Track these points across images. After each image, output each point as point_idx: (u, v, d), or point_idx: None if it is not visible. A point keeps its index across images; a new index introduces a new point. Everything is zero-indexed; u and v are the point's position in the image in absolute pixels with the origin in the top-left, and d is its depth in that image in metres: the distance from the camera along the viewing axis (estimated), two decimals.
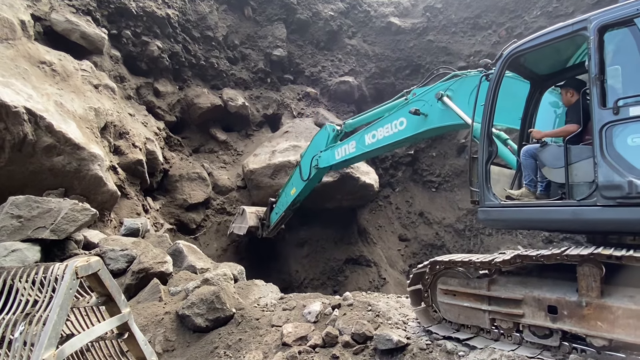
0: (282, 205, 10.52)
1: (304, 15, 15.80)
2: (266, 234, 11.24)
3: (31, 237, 6.40)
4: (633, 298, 3.12)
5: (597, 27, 3.48)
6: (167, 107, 13.19)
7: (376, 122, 7.87)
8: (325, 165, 9.21)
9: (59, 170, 7.60)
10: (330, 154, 9.02)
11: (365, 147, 8.04)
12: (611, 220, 3.36)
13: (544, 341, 3.64)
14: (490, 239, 13.68)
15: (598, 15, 3.53)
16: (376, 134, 7.79)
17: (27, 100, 7.06)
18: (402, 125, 7.23)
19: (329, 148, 9.17)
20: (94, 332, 3.01)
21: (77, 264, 2.79)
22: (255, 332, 5.18)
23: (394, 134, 7.42)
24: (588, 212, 3.46)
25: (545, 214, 3.84)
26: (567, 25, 3.75)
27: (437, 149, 16.31)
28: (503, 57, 4.23)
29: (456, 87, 6.32)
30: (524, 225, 4.93)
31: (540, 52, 4.16)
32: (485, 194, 4.24)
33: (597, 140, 3.39)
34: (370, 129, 7.95)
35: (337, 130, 9.47)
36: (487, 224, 4.74)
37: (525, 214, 4.04)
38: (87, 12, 10.78)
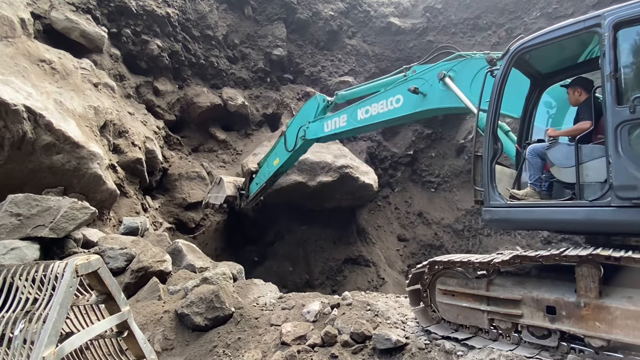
0: (263, 176, 9.99)
1: (304, 15, 15.80)
2: (244, 204, 10.70)
3: (30, 235, 6.39)
4: (631, 299, 3.13)
5: (612, 23, 3.38)
6: (166, 106, 13.19)
7: (371, 97, 7.46)
8: (313, 137, 8.72)
9: (58, 168, 7.60)
10: (319, 126, 8.53)
11: (357, 122, 7.63)
12: (627, 221, 3.26)
13: (542, 341, 3.65)
14: (488, 240, 13.70)
15: (613, 11, 3.43)
16: (370, 110, 7.38)
17: (26, 98, 7.05)
18: (399, 103, 6.87)
19: (317, 119, 8.66)
20: (93, 330, 3.01)
21: (78, 262, 2.79)
22: (254, 331, 5.19)
23: (388, 111, 7.06)
24: (602, 213, 3.36)
25: (556, 215, 3.73)
26: (579, 21, 3.64)
27: (437, 149, 16.33)
28: (510, 53, 4.10)
29: (459, 68, 6.01)
30: (531, 226, 4.76)
31: (545, 50, 4.07)
32: (491, 193, 4.12)
33: (611, 139, 3.29)
34: (364, 103, 7.54)
35: (327, 101, 8.94)
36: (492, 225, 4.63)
37: (533, 214, 3.93)
38: (87, 11, 10.77)
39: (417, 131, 16.41)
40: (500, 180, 4.32)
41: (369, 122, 7.47)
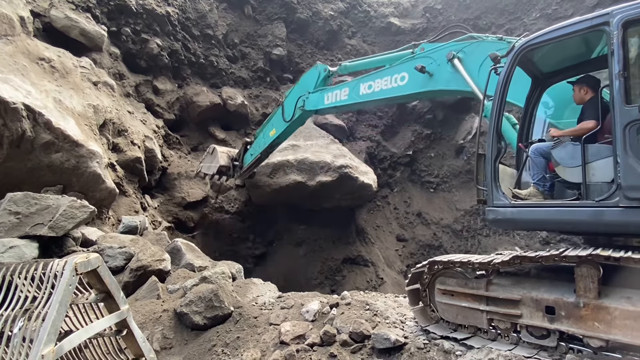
0: (259, 147, 9.74)
1: (304, 15, 15.80)
2: (238, 175, 10.53)
3: (29, 233, 6.38)
4: (630, 299, 3.14)
5: (621, 22, 3.34)
6: (166, 105, 13.17)
7: (375, 72, 7.20)
8: (312, 109, 8.43)
9: (58, 167, 7.58)
10: (319, 98, 8.24)
11: (359, 97, 7.38)
12: (635, 222, 3.23)
13: (541, 341, 3.66)
14: (487, 240, 13.72)
15: (622, 9, 3.39)
16: (373, 85, 7.13)
17: (25, 96, 7.03)
18: (403, 81, 6.63)
19: (318, 90, 8.37)
20: (92, 328, 3.02)
21: (77, 260, 2.79)
22: (253, 331, 5.19)
23: (392, 88, 6.82)
24: (609, 214, 3.33)
25: (561, 215, 3.70)
26: (586, 19, 3.60)
27: (436, 149, 16.34)
28: (515, 50, 4.04)
29: (470, 50, 5.80)
30: (536, 226, 4.71)
31: (548, 48, 4.04)
32: (494, 193, 4.07)
33: (619, 138, 3.26)
34: (368, 78, 7.28)
35: (329, 71, 8.60)
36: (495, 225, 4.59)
37: (538, 214, 3.89)
38: (87, 9, 10.76)
39: (417, 131, 16.42)
40: (502, 180, 4.29)
41: (371, 98, 7.24)
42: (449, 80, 5.99)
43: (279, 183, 12.11)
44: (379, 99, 7.20)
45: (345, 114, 16.06)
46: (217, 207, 12.86)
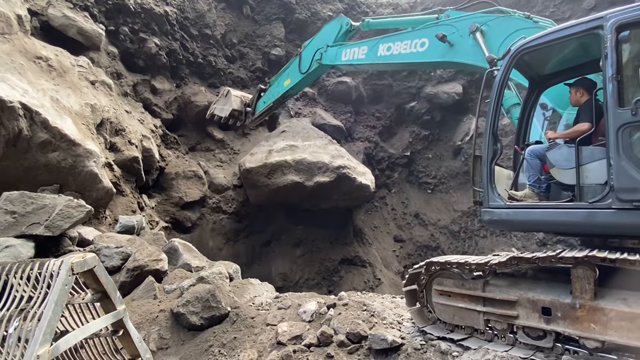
0: (272, 96, 9.58)
1: (303, 15, 15.81)
2: (249, 121, 10.44)
3: (25, 233, 6.34)
4: (626, 300, 3.15)
5: (615, 25, 3.39)
6: (163, 105, 13.15)
7: (396, 34, 7.04)
8: (329, 63, 8.28)
9: (54, 166, 7.55)
10: (338, 53, 8.08)
11: (377, 58, 7.24)
12: (627, 224, 3.29)
13: (537, 342, 3.67)
14: (484, 241, 13.76)
15: (616, 13, 3.44)
16: (392, 47, 6.96)
17: (22, 95, 7.00)
18: (423, 47, 6.46)
19: (337, 45, 8.21)
20: (88, 328, 3.00)
21: (73, 260, 2.78)
22: (250, 331, 5.18)
23: (410, 53, 6.67)
24: (602, 215, 3.38)
25: (555, 216, 3.76)
26: (581, 23, 3.65)
27: (433, 150, 16.38)
28: (511, 53, 4.10)
29: (494, 24, 5.58)
30: (531, 227, 4.80)
31: (545, 51, 4.07)
32: (490, 194, 4.12)
33: (612, 141, 3.31)
34: (388, 39, 7.09)
35: (351, 26, 8.38)
36: (491, 226, 4.60)
37: (533, 215, 3.94)
38: (85, 8, 10.72)
39: (414, 132, 16.46)
40: (498, 182, 4.32)
41: (388, 61, 7.10)
42: (469, 54, 5.81)
43: (276, 183, 12.11)
44: (396, 63, 7.08)
45: (342, 115, 16.08)
46: (215, 207, 12.85)
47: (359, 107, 16.64)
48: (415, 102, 16.35)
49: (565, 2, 13.04)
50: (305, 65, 8.66)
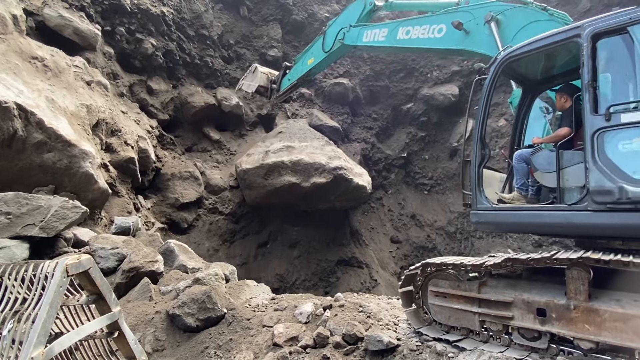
0: (296, 73, 9.77)
1: (300, 16, 15.82)
2: (274, 97, 10.65)
3: (20, 234, 6.30)
4: (620, 301, 3.18)
5: (591, 34, 3.52)
6: (160, 105, 13.10)
7: (416, 18, 7.07)
8: (350, 44, 8.31)
9: (49, 167, 7.51)
10: (359, 34, 8.11)
11: (395, 41, 7.28)
12: (602, 225, 3.41)
13: (532, 343, 3.69)
14: (480, 242, 13.81)
15: (591, 22, 3.57)
16: (411, 31, 6.96)
17: (17, 95, 6.96)
18: (440, 33, 6.43)
19: (359, 25, 8.22)
20: (83, 330, 2.98)
21: (68, 261, 2.76)
22: (246, 332, 5.17)
23: (428, 39, 6.65)
24: (579, 217, 3.50)
25: (537, 218, 3.89)
26: (561, 32, 3.80)
27: (430, 152, 16.43)
28: (497, 62, 4.26)
29: (511, 14, 5.50)
30: (515, 228, 4.98)
31: (533, 58, 4.18)
32: (478, 197, 4.28)
33: (588, 145, 3.44)
34: (407, 22, 7.12)
35: (374, 5, 8.32)
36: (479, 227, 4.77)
37: (517, 217, 4.09)
38: (81, 8, 10.67)
39: (411, 134, 16.50)
40: (490, 185, 4.49)
41: (406, 45, 7.13)
42: (484, 43, 5.76)
43: (273, 184, 12.10)
44: (414, 48, 7.10)
45: (339, 116, 16.10)
46: (211, 208, 12.82)
47: (355, 108, 16.67)
48: (412, 103, 16.41)
49: (560, 5, 13.12)
50: (328, 44, 8.70)
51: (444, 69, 15.90)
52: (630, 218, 3.23)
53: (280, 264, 13.19)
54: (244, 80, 11.05)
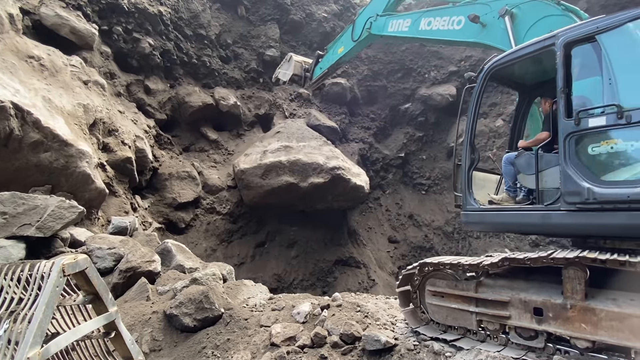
0: (327, 62, 10.24)
1: (298, 16, 15.82)
2: (307, 85, 11.14)
3: (16, 234, 6.27)
4: (616, 301, 3.19)
5: (563, 43, 3.69)
6: (157, 105, 13.07)
7: (437, 9, 7.12)
8: (377, 33, 8.45)
9: (46, 166, 7.48)
10: (385, 23, 8.25)
11: (417, 32, 7.40)
12: (573, 224, 3.59)
13: (529, 342, 3.70)
14: (478, 242, 13.84)
15: (564, 32, 3.73)
16: (432, 22, 7.04)
17: (14, 95, 6.93)
18: (459, 25, 6.44)
19: (385, 15, 8.34)
20: (80, 330, 2.97)
21: (65, 261, 2.75)
22: (244, 332, 5.16)
23: (447, 30, 6.69)
24: (554, 217, 3.69)
25: (518, 218, 4.08)
26: (539, 41, 3.98)
27: (427, 152, 16.46)
28: (484, 71, 4.44)
29: (526, 8, 5.44)
30: (500, 228, 5.21)
31: (522, 64, 4.32)
32: (467, 198, 4.48)
33: (561, 149, 3.62)
34: (429, 13, 7.21)
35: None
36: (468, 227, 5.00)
37: (500, 217, 4.27)
38: (78, 7, 10.64)
39: (409, 134, 16.53)
40: (485, 186, 4.72)
41: (427, 36, 7.22)
42: (498, 37, 5.74)
43: (271, 184, 12.10)
44: (435, 39, 7.16)
45: (337, 116, 16.10)
46: (209, 208, 12.80)
47: (353, 108, 16.68)
48: (410, 103, 16.43)
49: None
50: (357, 33, 8.94)
51: (442, 69, 15.94)
52: (597, 218, 3.39)
53: (278, 264, 13.18)
54: (280, 69, 11.40)
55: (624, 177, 3.28)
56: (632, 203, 3.16)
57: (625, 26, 3.38)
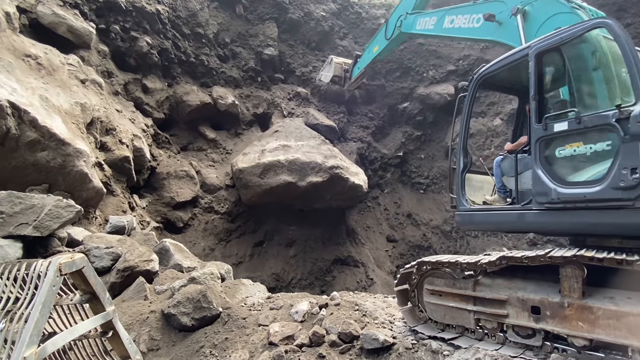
0: (364, 62, 10.91)
1: (296, 15, 15.79)
2: (347, 85, 11.94)
3: (13, 233, 6.24)
4: (613, 299, 3.20)
5: (535, 53, 3.94)
6: (155, 104, 13.03)
7: (460, 7, 7.38)
8: (406, 31, 9.00)
9: (43, 165, 7.45)
10: (414, 21, 8.78)
11: (442, 29, 7.79)
12: (543, 222, 3.85)
13: (526, 341, 3.71)
14: (476, 241, 13.86)
15: (537, 42, 3.99)
16: (455, 20, 7.36)
17: (10, 93, 6.89)
18: (478, 23, 6.68)
19: (414, 13, 8.87)
20: (77, 330, 2.96)
21: (61, 260, 2.74)
22: (242, 332, 5.16)
23: (468, 28, 6.94)
24: (528, 216, 3.96)
25: (500, 217, 4.33)
26: (517, 51, 4.28)
27: (426, 151, 16.46)
28: (473, 80, 4.74)
29: (538, 5, 5.54)
30: (487, 227, 5.55)
31: (513, 71, 4.50)
32: (460, 199, 4.75)
33: (533, 152, 3.88)
34: (453, 11, 7.52)
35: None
36: (461, 226, 5.40)
37: (487, 217, 4.52)
38: (75, 6, 10.59)
39: (407, 133, 16.53)
40: (482, 188, 4.98)
41: (451, 34, 7.54)
42: (512, 35, 5.86)
43: (269, 183, 12.08)
44: (457, 37, 7.43)
45: (335, 115, 16.09)
46: (207, 208, 12.77)
47: (351, 107, 16.67)
48: (408, 102, 16.43)
49: None
50: (389, 31, 9.59)
51: (440, 68, 15.94)
52: (562, 217, 3.68)
53: (277, 263, 13.17)
54: (322, 72, 12.14)
55: (582, 178, 3.55)
56: (589, 202, 3.40)
57: (580, 37, 3.64)
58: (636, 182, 3.08)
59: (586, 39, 3.65)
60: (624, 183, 3.14)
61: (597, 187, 3.34)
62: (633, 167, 3.09)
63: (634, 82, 3.20)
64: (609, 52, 3.56)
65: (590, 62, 3.65)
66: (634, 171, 3.08)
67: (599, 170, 3.43)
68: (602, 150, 3.40)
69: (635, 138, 3.08)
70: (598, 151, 3.43)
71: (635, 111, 3.09)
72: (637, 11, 11.47)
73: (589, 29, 3.56)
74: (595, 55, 3.63)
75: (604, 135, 3.38)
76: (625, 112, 3.14)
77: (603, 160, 3.40)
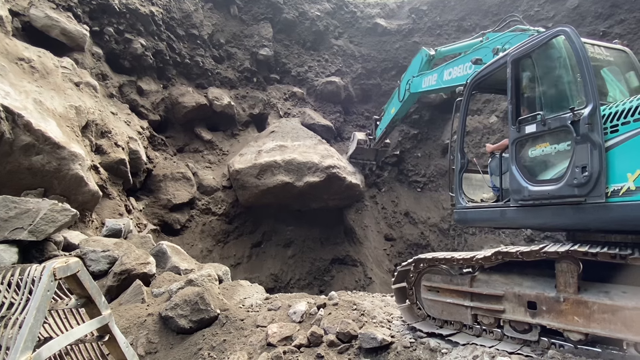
0: (384, 123, 11.90)
1: (291, 15, 15.77)
2: (373, 145, 13.00)
3: (8, 238, 6.21)
4: (608, 293, 3.22)
5: (511, 60, 4.24)
6: (150, 106, 12.98)
7: (453, 60, 8.20)
8: (415, 91, 9.81)
9: (38, 169, 7.41)
10: (420, 81, 9.59)
11: (443, 82, 8.52)
12: (519, 218, 4.08)
13: (523, 336, 3.73)
14: (474, 238, 13.89)
15: (514, 49, 4.29)
16: (452, 72, 8.13)
17: (4, 97, 6.85)
18: (470, 69, 7.35)
19: (420, 75, 9.68)
20: (73, 334, 2.94)
21: (56, 265, 2.73)
22: (240, 333, 5.15)
23: (463, 75, 7.57)
24: (508, 212, 4.21)
25: (488, 214, 4.54)
26: (500, 57, 4.59)
27: (422, 149, 16.48)
28: (467, 86, 5.02)
29: (513, 42, 6.01)
30: (479, 223, 5.88)
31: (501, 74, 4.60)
32: (458, 197, 4.99)
33: (510, 152, 4.15)
34: (449, 65, 8.28)
35: (429, 55, 9.79)
36: (458, 223, 5.71)
37: (478, 214, 4.72)
38: (68, 8, 10.53)
39: (404, 131, 16.54)
40: (482, 187, 5.15)
41: (451, 84, 8.18)
42: None
43: (266, 184, 12.07)
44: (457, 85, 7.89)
45: (332, 115, 16.10)
46: (204, 209, 12.75)
47: (348, 106, 16.67)
48: None
49: (549, 2, 13.23)
50: (401, 94, 10.61)
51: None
52: (533, 212, 3.91)
53: (275, 264, 13.16)
54: (349, 151, 13.64)
55: (548, 176, 3.80)
56: (552, 199, 3.65)
57: (547, 44, 3.92)
58: (586, 180, 3.32)
59: (552, 46, 3.92)
60: (577, 181, 3.40)
61: (557, 185, 3.60)
62: (583, 166, 3.35)
63: (585, 87, 3.47)
64: (571, 58, 3.75)
65: (555, 68, 3.93)
66: (584, 169, 3.33)
67: (560, 169, 3.69)
68: (564, 150, 3.67)
69: (585, 139, 3.35)
70: (560, 151, 3.72)
71: (585, 114, 3.37)
72: (630, 7, 11.50)
73: (552, 37, 3.87)
74: (559, 61, 3.89)
75: (565, 136, 3.66)
76: (577, 115, 3.42)
77: (564, 160, 3.64)
